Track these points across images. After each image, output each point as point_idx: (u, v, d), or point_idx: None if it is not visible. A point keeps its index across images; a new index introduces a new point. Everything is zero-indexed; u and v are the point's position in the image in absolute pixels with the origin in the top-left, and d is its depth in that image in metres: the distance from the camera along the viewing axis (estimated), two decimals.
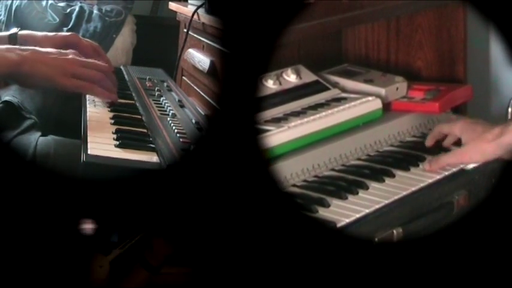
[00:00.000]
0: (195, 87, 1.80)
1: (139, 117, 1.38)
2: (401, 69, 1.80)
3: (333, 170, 1.38)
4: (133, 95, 1.57)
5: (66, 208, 1.14)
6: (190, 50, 1.83)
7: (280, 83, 1.55)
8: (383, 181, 1.33)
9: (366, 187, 1.30)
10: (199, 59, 1.73)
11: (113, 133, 1.23)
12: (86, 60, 1.36)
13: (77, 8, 2.34)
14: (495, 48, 1.99)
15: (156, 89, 1.65)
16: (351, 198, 1.26)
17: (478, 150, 1.34)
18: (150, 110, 1.43)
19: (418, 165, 1.39)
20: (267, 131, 1.34)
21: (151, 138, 1.23)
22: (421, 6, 1.73)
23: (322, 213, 1.21)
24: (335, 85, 1.63)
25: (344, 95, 1.57)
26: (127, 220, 1.20)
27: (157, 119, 1.37)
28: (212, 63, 1.63)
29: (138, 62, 2.24)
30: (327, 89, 1.59)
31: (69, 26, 2.31)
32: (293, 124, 1.38)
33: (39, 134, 1.38)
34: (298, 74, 1.59)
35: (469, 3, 1.60)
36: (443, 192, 1.34)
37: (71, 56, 1.34)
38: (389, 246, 1.18)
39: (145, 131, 1.28)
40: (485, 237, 1.15)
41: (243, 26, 1.23)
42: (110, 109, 1.40)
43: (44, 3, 2.35)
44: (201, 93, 1.74)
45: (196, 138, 1.25)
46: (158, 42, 2.30)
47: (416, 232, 1.22)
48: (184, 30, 1.91)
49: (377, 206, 1.23)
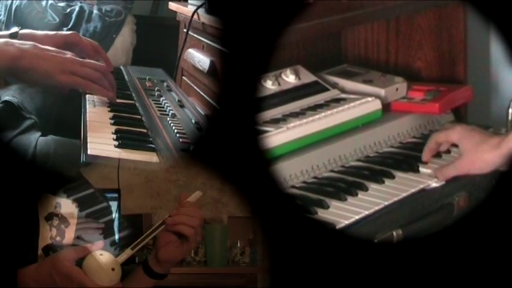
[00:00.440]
0: (195, 87, 1.79)
1: (139, 117, 1.38)
2: (401, 70, 1.79)
3: (332, 171, 1.37)
4: (133, 95, 1.57)
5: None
6: (190, 50, 1.83)
7: (279, 84, 1.54)
8: (382, 182, 1.33)
9: (365, 188, 1.29)
10: (199, 59, 1.73)
11: (112, 133, 1.23)
12: (84, 60, 1.37)
13: (77, 8, 2.34)
14: (495, 48, 1.99)
15: (156, 89, 1.65)
16: (350, 199, 1.25)
17: (477, 162, 1.31)
18: (150, 110, 1.43)
19: (418, 167, 1.39)
20: (266, 131, 1.33)
21: (151, 138, 1.23)
22: (421, 6, 1.72)
23: (322, 214, 1.20)
24: (334, 86, 1.62)
25: (343, 96, 1.56)
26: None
27: (157, 119, 1.37)
28: (212, 63, 1.62)
29: (138, 62, 2.23)
30: (326, 89, 1.59)
31: (69, 26, 2.31)
32: (292, 125, 1.37)
33: (39, 134, 1.38)
34: (297, 74, 1.58)
35: (469, 3, 1.60)
36: (443, 193, 1.33)
37: (69, 55, 1.35)
38: (389, 248, 1.18)
39: (145, 131, 1.28)
40: (485, 238, 1.15)
41: (243, 26, 1.23)
42: (109, 109, 1.40)
43: (44, 3, 2.34)
44: (201, 93, 1.74)
45: (196, 138, 1.25)
46: (158, 42, 2.29)
47: (416, 234, 1.22)
48: (184, 30, 1.91)
49: (376, 208, 1.23)
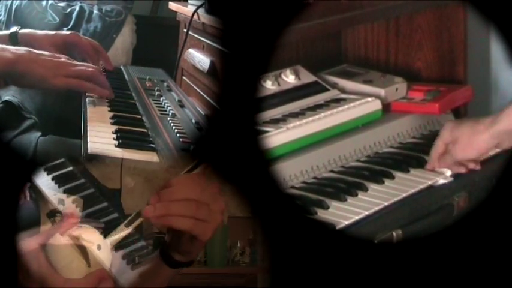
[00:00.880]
0: (195, 87, 1.79)
1: (139, 117, 1.38)
2: (401, 70, 1.79)
3: (332, 171, 1.37)
4: (133, 95, 1.57)
5: None
6: (190, 50, 1.83)
7: (278, 84, 1.54)
8: (382, 183, 1.33)
9: (365, 189, 1.29)
10: (199, 59, 1.73)
11: (113, 133, 1.23)
12: (77, 63, 1.39)
13: (77, 8, 2.33)
14: (495, 48, 1.99)
15: (156, 89, 1.65)
16: (350, 200, 1.25)
17: (474, 143, 1.29)
18: (150, 110, 1.43)
19: (418, 167, 1.38)
20: (266, 132, 1.33)
21: (151, 138, 1.23)
22: (421, 6, 1.72)
23: (321, 215, 1.20)
24: (334, 86, 1.62)
25: (343, 96, 1.56)
26: None
27: (157, 119, 1.37)
28: (212, 63, 1.62)
29: (138, 62, 2.23)
30: (326, 89, 1.59)
31: (69, 26, 2.30)
32: (292, 125, 1.37)
33: (39, 134, 1.39)
34: (297, 74, 1.58)
35: (469, 3, 1.60)
36: (443, 194, 1.33)
37: (63, 59, 1.36)
38: (389, 248, 1.18)
39: (145, 130, 1.28)
40: (485, 239, 1.15)
41: (243, 26, 1.22)
42: (109, 109, 1.40)
43: (44, 3, 2.34)
44: (201, 93, 1.74)
45: (196, 138, 1.25)
46: (158, 42, 2.29)
47: (416, 234, 1.22)
48: (184, 30, 1.91)
49: (376, 208, 1.23)
